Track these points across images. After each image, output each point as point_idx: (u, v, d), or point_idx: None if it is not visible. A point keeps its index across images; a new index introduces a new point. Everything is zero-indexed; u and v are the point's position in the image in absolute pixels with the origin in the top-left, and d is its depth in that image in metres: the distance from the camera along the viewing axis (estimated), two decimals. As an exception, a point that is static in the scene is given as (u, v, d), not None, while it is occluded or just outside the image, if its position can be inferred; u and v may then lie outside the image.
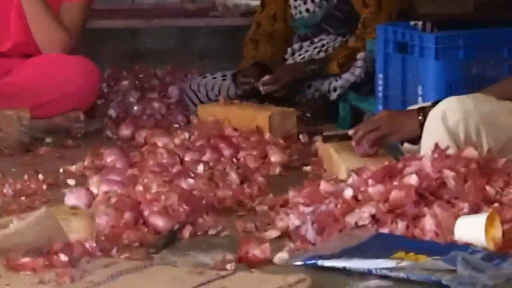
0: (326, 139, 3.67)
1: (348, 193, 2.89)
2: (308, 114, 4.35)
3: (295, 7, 4.68)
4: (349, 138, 3.50)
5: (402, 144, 3.51)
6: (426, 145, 3.11)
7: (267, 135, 4.01)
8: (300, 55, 4.64)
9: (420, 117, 3.30)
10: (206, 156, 3.66)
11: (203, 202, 3.12)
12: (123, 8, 5.71)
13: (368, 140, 3.43)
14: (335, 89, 4.37)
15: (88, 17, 4.64)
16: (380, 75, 4.10)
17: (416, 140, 3.32)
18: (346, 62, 4.39)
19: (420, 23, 4.07)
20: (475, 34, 3.95)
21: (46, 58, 4.46)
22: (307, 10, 4.64)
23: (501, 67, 3.77)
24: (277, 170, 3.68)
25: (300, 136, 4.11)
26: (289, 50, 4.69)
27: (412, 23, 4.12)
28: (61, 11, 4.48)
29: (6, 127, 4.11)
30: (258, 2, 5.07)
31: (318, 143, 3.85)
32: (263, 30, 4.77)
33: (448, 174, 2.86)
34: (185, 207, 3.01)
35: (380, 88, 4.06)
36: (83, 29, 4.59)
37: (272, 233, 2.89)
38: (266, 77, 4.39)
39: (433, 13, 4.71)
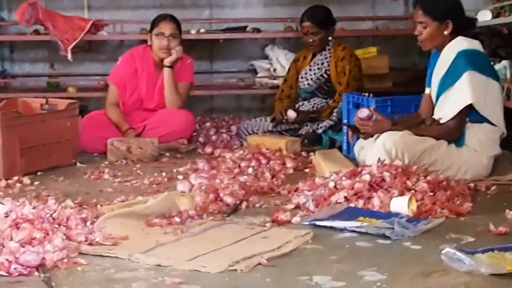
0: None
1: (331, 184, 2.84)
2: (306, 141, 4.22)
3: (302, 82, 4.60)
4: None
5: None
6: (373, 159, 3.02)
7: (284, 152, 3.94)
8: (302, 107, 4.52)
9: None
10: (252, 163, 3.59)
11: (252, 188, 3.07)
12: (204, 84, 5.48)
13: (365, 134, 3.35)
14: (321, 127, 4.27)
15: (190, 90, 4.58)
16: (345, 121, 4.01)
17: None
18: (328, 113, 4.33)
19: (366, 94, 3.98)
20: (395, 99, 3.83)
21: (168, 110, 4.39)
22: (308, 84, 4.56)
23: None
24: (291, 171, 3.60)
25: (302, 152, 4.04)
26: (296, 105, 4.57)
27: (362, 93, 4.03)
28: (178, 86, 4.41)
29: (145, 148, 4.05)
30: (278, 81, 4.99)
31: (313, 156, 3.77)
32: (285, 93, 4.67)
33: (386, 174, 2.81)
34: (242, 191, 2.97)
35: (345, 127, 3.94)
36: (187, 96, 4.53)
37: (290, 206, 2.84)
38: (290, 111, 4.34)
39: (373, 87, 4.63)
